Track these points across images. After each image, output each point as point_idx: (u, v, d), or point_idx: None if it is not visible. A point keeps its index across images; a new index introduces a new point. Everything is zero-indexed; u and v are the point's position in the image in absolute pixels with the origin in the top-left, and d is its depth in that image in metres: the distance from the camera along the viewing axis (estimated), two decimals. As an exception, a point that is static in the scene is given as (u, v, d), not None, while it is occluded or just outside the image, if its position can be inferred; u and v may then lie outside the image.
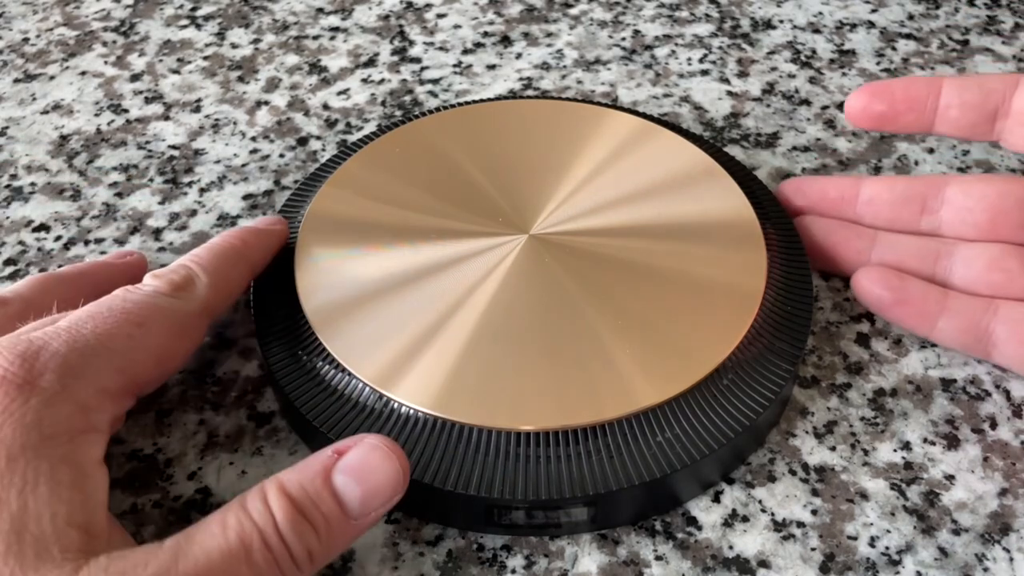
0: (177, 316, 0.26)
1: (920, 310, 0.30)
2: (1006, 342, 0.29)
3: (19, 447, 0.21)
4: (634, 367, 0.27)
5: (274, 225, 0.31)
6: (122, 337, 0.24)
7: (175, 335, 0.26)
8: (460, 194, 0.33)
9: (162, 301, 0.26)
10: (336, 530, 0.23)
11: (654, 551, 0.26)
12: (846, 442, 0.29)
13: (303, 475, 0.23)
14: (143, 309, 0.25)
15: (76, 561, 0.21)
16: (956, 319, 0.30)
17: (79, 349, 0.23)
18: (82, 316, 0.25)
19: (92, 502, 0.22)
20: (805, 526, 0.27)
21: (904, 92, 0.31)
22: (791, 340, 0.29)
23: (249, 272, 0.30)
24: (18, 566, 0.20)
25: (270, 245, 0.31)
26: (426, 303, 0.29)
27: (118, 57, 0.45)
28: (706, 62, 0.44)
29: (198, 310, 0.27)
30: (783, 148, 0.39)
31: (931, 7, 0.47)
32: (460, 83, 0.43)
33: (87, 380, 0.23)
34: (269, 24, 0.47)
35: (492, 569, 0.26)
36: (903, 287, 0.30)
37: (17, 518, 0.21)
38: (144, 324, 0.25)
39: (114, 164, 0.39)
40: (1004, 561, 0.26)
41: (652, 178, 0.33)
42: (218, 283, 0.28)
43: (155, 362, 0.26)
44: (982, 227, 0.31)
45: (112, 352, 0.24)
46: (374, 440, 0.24)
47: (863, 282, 0.31)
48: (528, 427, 0.26)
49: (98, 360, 0.24)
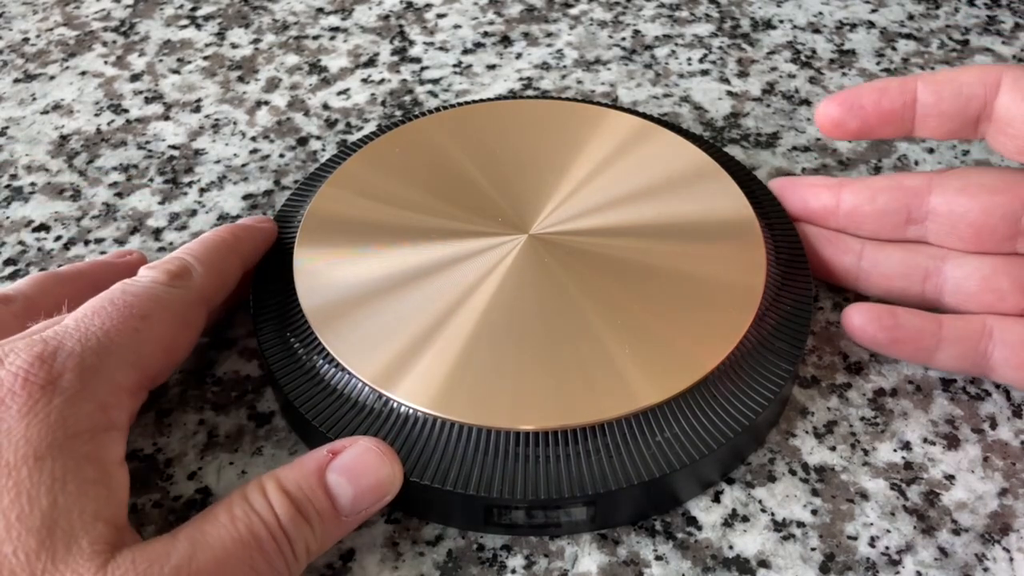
0: (178, 305, 0.26)
1: (917, 347, 0.30)
2: (1003, 365, 0.29)
3: (46, 446, 0.22)
4: (634, 367, 0.27)
5: (262, 223, 0.32)
6: (129, 331, 0.25)
7: (178, 325, 0.26)
8: (460, 194, 0.33)
9: (161, 291, 0.26)
10: (328, 526, 0.24)
11: (654, 551, 0.26)
12: (846, 442, 0.29)
13: (299, 473, 0.24)
14: (145, 301, 0.26)
15: (105, 555, 0.21)
16: (953, 348, 0.29)
17: (92, 347, 0.24)
18: (87, 313, 0.25)
19: (117, 498, 0.23)
20: (805, 526, 0.27)
21: (875, 107, 0.30)
22: (791, 340, 0.29)
23: (240, 264, 0.30)
24: (50, 561, 0.21)
25: (259, 240, 0.31)
26: (426, 303, 0.29)
27: (118, 57, 0.45)
28: (706, 62, 0.44)
29: (196, 299, 0.27)
30: (783, 148, 0.39)
31: (931, 7, 0.47)
32: (460, 83, 0.43)
33: (104, 378, 0.24)
34: (269, 24, 0.47)
35: (492, 569, 0.26)
36: (897, 326, 0.29)
37: (48, 515, 0.21)
38: (148, 316, 0.25)
39: (114, 164, 0.39)
40: (1004, 561, 0.26)
41: (652, 178, 0.33)
42: (212, 272, 0.28)
43: (162, 353, 0.26)
44: (968, 241, 0.30)
45: (123, 348, 0.24)
46: (368, 442, 0.25)
47: (855, 321, 0.30)
48: (528, 427, 0.26)
49: (111, 357, 0.24)
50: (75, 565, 0.21)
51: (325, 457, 0.24)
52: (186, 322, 0.27)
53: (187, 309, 0.27)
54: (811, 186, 0.32)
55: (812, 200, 0.32)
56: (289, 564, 0.23)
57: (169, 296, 0.26)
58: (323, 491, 0.24)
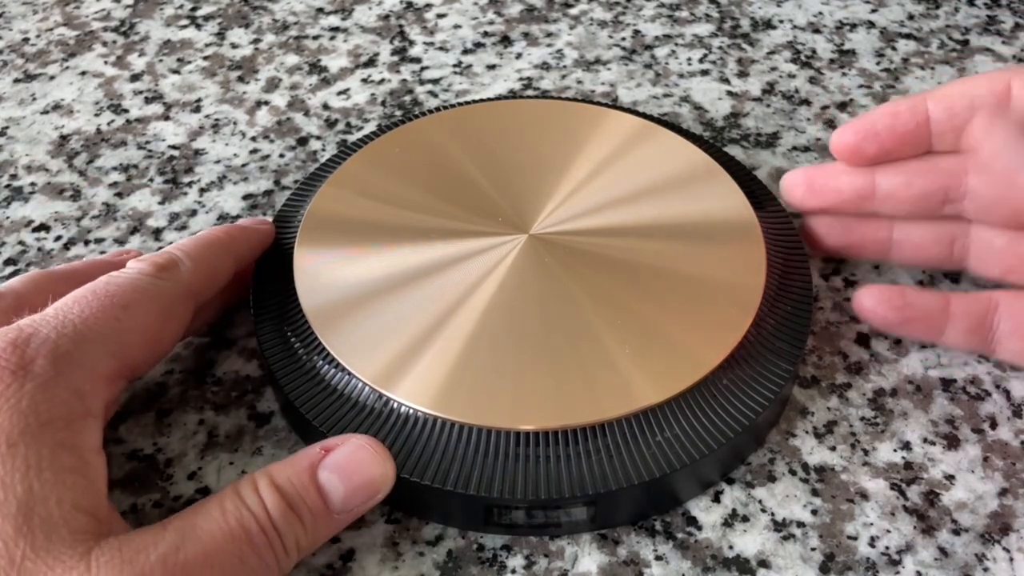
0: (162, 297, 0.26)
1: (927, 325, 0.30)
2: (1008, 337, 0.29)
3: (18, 433, 0.22)
4: (634, 367, 0.27)
5: (260, 225, 0.32)
6: (109, 320, 0.25)
7: (162, 316, 0.26)
8: (460, 194, 0.33)
9: (146, 282, 0.26)
10: (320, 523, 0.24)
11: (654, 551, 0.26)
12: (846, 442, 0.29)
13: (291, 469, 0.24)
14: (127, 291, 0.26)
15: (87, 543, 0.21)
16: (961, 323, 0.30)
17: (68, 334, 0.24)
18: (68, 302, 0.25)
19: (94, 487, 0.23)
20: (805, 526, 0.27)
21: (890, 132, 0.30)
22: (791, 340, 0.29)
23: (232, 263, 0.30)
24: (28, 547, 0.21)
25: (255, 241, 0.31)
26: (426, 303, 0.29)
27: (118, 57, 0.45)
28: (706, 62, 0.44)
29: (182, 292, 0.27)
30: (783, 148, 0.39)
31: (931, 7, 0.47)
32: (460, 83, 0.43)
33: (79, 365, 0.23)
34: (269, 24, 0.47)
35: (492, 569, 0.26)
36: (906, 305, 0.30)
37: (23, 502, 0.21)
38: (129, 306, 0.25)
39: (114, 164, 0.39)
40: (1004, 561, 0.26)
41: (652, 178, 0.33)
42: (201, 268, 0.28)
43: (144, 343, 0.26)
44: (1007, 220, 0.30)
45: (102, 336, 0.24)
46: (361, 440, 0.25)
47: (866, 303, 0.30)
48: (528, 427, 0.26)
49: (88, 345, 0.24)
50: (57, 553, 0.21)
51: (318, 454, 0.25)
52: (170, 314, 0.27)
53: (172, 302, 0.27)
54: (839, 173, 0.32)
55: (846, 187, 0.31)
56: (279, 558, 0.23)
57: (154, 287, 0.26)
58: (315, 488, 0.24)
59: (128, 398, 0.30)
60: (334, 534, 0.25)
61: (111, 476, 0.28)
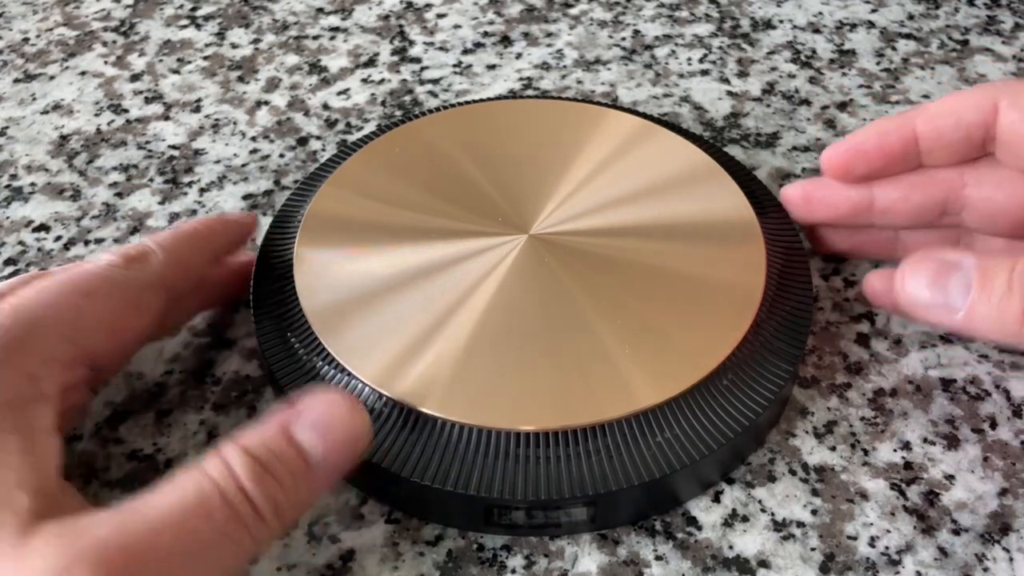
0: (129, 288, 0.26)
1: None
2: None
3: None
4: (634, 367, 0.27)
5: (242, 217, 0.32)
6: (67, 306, 0.25)
7: (127, 305, 0.26)
8: (460, 194, 0.33)
9: (113, 272, 0.26)
10: (301, 483, 0.23)
11: (654, 551, 0.26)
12: (846, 442, 0.29)
13: (263, 433, 0.23)
14: (91, 279, 0.26)
15: (27, 525, 0.21)
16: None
17: (22, 318, 0.24)
18: (27, 290, 0.25)
19: (42, 467, 0.22)
20: (805, 526, 0.27)
21: (879, 151, 0.30)
22: (791, 340, 0.29)
23: (210, 256, 0.30)
24: None
25: (235, 234, 0.31)
26: (426, 303, 0.29)
27: (118, 57, 0.45)
28: (706, 62, 0.44)
29: (152, 283, 0.27)
30: (783, 148, 0.39)
31: (931, 7, 0.47)
32: (460, 83, 0.43)
33: (31, 348, 0.23)
34: (269, 24, 0.47)
35: (492, 569, 0.26)
36: None
37: None
38: (91, 294, 0.25)
39: (114, 164, 0.39)
40: (1004, 561, 0.26)
41: (652, 178, 0.33)
42: (174, 260, 0.28)
43: (107, 332, 0.26)
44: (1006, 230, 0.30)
45: (57, 321, 0.24)
46: (334, 395, 0.24)
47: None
48: (528, 427, 0.26)
49: (40, 329, 0.24)
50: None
51: (290, 413, 0.23)
52: (136, 305, 0.27)
53: (139, 292, 0.27)
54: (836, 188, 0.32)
55: (842, 203, 0.32)
56: (251, 527, 0.22)
57: (122, 277, 0.26)
58: (292, 448, 0.23)
59: (128, 398, 0.30)
60: (320, 494, 0.25)
61: (111, 476, 0.28)
